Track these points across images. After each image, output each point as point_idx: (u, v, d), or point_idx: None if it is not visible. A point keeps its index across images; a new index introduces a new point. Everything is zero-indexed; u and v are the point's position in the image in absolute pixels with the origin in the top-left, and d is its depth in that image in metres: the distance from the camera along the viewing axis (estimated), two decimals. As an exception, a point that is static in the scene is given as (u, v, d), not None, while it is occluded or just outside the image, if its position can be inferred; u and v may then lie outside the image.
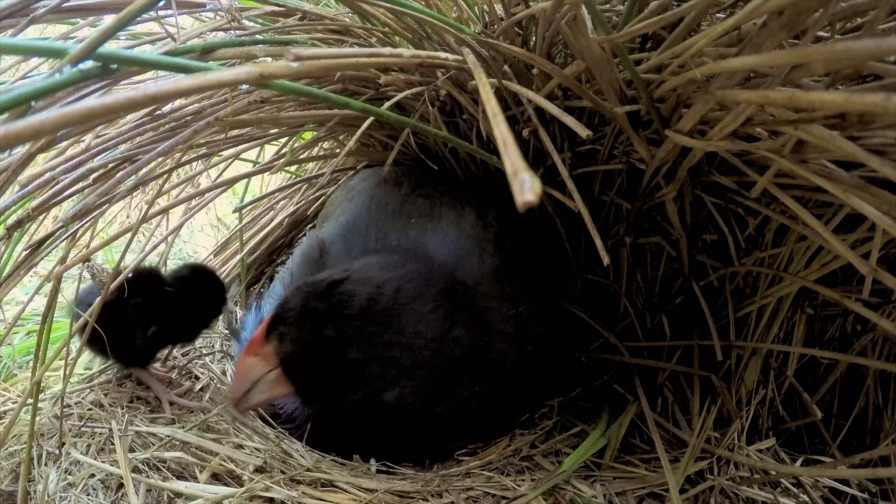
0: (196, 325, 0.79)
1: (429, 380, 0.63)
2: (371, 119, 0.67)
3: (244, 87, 0.60)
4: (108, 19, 0.34)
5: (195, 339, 0.82)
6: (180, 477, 0.59)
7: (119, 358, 0.73)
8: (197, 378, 0.82)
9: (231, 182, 0.82)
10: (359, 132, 0.63)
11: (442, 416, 0.66)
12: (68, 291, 0.98)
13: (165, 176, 0.69)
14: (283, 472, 0.60)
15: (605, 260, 0.49)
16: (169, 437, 0.63)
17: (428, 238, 0.75)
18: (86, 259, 0.63)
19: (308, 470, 0.62)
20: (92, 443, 0.63)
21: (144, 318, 0.71)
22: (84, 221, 0.65)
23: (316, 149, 1.03)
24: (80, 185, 0.57)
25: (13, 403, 0.78)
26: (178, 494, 0.56)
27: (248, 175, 0.86)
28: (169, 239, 0.85)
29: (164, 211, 0.75)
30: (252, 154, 1.06)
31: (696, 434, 0.69)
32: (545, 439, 0.73)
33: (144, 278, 0.73)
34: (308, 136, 0.98)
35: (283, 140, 0.96)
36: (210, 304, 0.78)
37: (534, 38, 0.61)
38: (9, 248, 0.61)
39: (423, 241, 0.75)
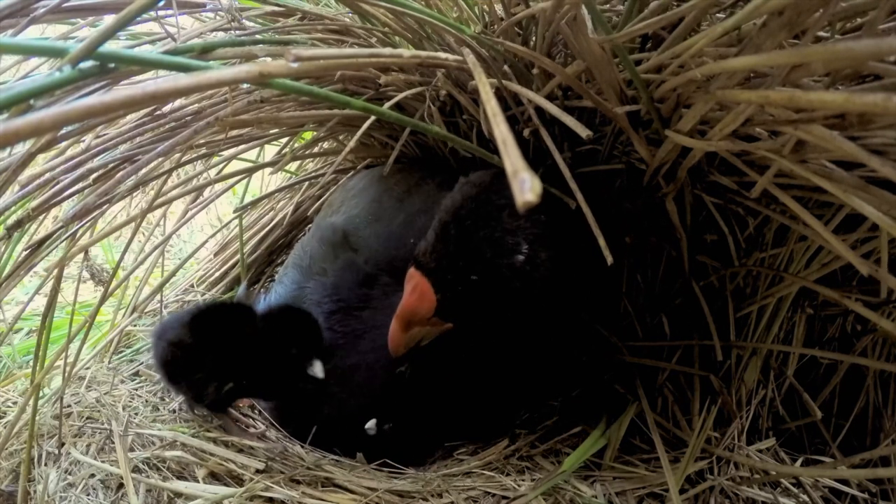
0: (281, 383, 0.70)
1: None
2: (372, 119, 0.67)
3: (244, 86, 0.60)
4: (108, 19, 0.34)
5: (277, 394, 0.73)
6: (180, 477, 0.59)
7: (194, 400, 0.68)
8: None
9: (231, 176, 0.81)
10: (360, 131, 0.63)
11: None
12: (68, 291, 0.98)
13: (165, 176, 0.69)
14: (282, 472, 0.60)
15: (609, 259, 0.50)
16: (170, 437, 0.63)
17: None
18: (84, 252, 0.63)
19: (308, 469, 0.62)
20: (92, 443, 0.63)
21: (222, 372, 0.65)
22: (84, 221, 0.65)
23: (316, 149, 1.03)
24: (80, 185, 0.58)
25: (13, 403, 0.78)
26: (178, 494, 0.56)
27: (250, 171, 0.86)
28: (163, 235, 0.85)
29: (167, 203, 0.74)
30: (252, 154, 1.06)
31: (696, 434, 0.69)
32: (545, 439, 0.73)
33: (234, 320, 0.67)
34: (308, 136, 0.98)
35: (284, 140, 0.96)
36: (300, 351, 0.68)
37: (534, 39, 0.60)
38: (9, 248, 0.61)
39: None
